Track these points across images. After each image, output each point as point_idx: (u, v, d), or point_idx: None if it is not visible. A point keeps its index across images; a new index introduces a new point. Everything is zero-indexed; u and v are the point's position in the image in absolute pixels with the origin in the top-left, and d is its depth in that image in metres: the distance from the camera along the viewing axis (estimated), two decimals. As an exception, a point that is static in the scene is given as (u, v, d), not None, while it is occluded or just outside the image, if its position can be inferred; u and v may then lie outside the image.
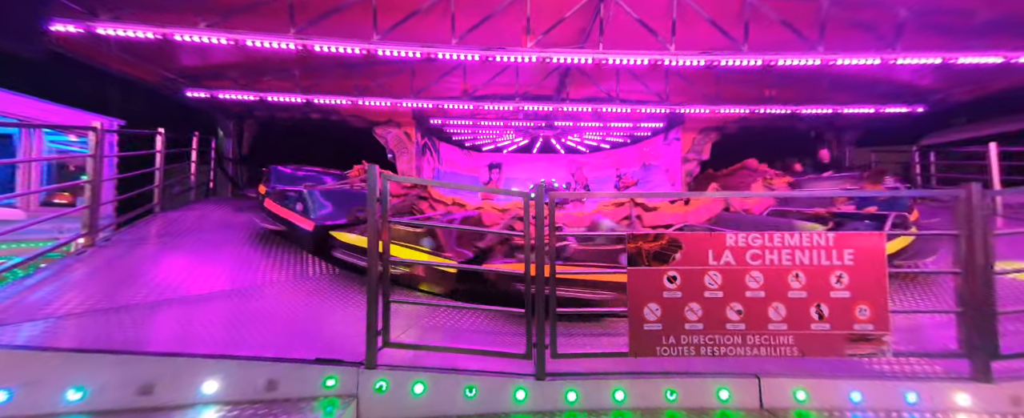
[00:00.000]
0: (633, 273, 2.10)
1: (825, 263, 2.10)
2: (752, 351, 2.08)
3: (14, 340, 1.99)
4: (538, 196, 2.11)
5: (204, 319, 2.54)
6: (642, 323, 2.09)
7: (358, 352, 2.15)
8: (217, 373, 1.93)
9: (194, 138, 7.10)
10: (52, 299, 2.51)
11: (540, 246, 2.09)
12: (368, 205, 2.10)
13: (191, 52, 6.90)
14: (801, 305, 2.09)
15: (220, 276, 3.27)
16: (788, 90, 9.33)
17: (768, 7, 6.07)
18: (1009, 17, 6.19)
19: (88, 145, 3.53)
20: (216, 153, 8.76)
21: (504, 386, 2.06)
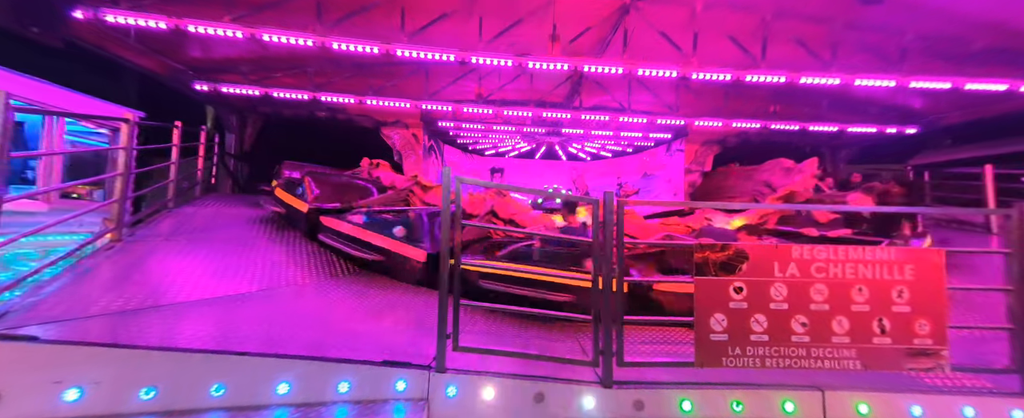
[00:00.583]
0: (700, 283, 2.11)
1: (887, 277, 2.13)
2: (816, 364, 2.09)
3: (76, 336, 1.89)
4: (607, 203, 2.11)
5: (251, 318, 2.45)
6: (708, 333, 2.09)
7: (417, 354, 2.11)
8: (290, 373, 1.86)
9: (202, 132, 6.94)
10: (99, 296, 2.41)
11: (608, 253, 2.09)
12: (442, 208, 2.07)
13: (205, 44, 6.78)
14: (864, 319, 2.12)
15: (254, 274, 3.18)
16: (791, 107, 9.64)
17: (785, 26, 6.27)
18: (1000, 47, 6.54)
19: (119, 137, 3.41)
20: (219, 148, 8.59)
21: (572, 393, 2.03)
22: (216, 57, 7.49)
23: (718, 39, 6.25)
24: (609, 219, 2.11)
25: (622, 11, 5.96)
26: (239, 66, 7.84)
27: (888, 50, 6.73)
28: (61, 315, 2.10)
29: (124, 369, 1.75)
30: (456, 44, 5.66)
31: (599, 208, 2.12)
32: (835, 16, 6.25)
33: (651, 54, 6.21)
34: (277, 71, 8.09)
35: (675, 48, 6.13)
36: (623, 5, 5.90)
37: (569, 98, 9.88)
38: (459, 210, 2.07)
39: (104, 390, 1.69)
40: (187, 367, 1.81)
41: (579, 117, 9.35)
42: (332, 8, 5.34)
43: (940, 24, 6.19)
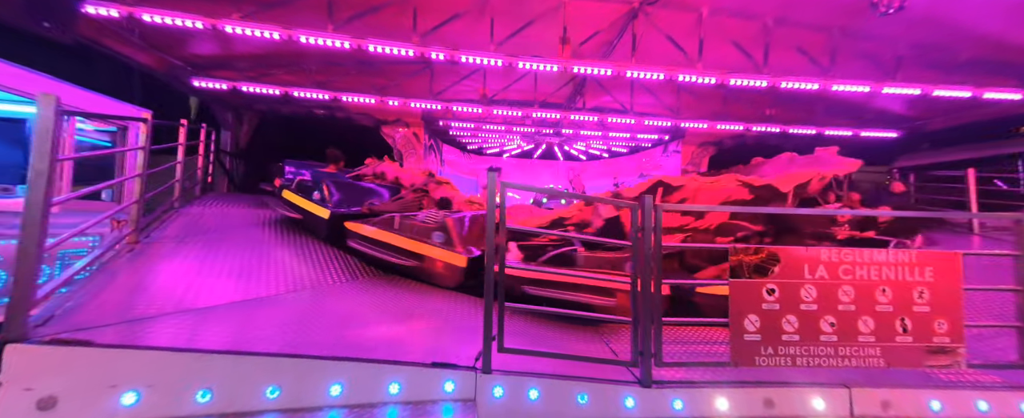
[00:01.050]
0: (734, 285, 2.18)
1: (909, 279, 2.24)
2: (843, 362, 2.19)
3: (126, 340, 1.86)
4: (646, 205, 2.17)
5: (288, 320, 2.44)
6: (742, 333, 2.17)
7: (458, 356, 2.14)
8: (343, 375, 1.87)
9: (202, 130, 6.80)
10: (136, 300, 2.37)
11: (647, 256, 2.15)
12: (488, 211, 2.10)
13: (206, 40, 6.64)
14: (887, 318, 2.22)
15: (278, 277, 3.15)
16: (786, 111, 9.92)
17: (785, 33, 6.46)
18: (983, 58, 6.87)
19: (128, 136, 3.33)
20: (215, 146, 8.41)
21: (613, 393, 2.09)
22: (217, 53, 7.34)
23: (722, 44, 6.40)
24: (647, 223, 2.16)
25: (631, 15, 6.06)
26: (238, 62, 7.69)
27: (883, 58, 6.99)
28: (104, 319, 2.07)
29: (179, 372, 1.74)
30: (467, 45, 5.67)
31: (637, 212, 2.17)
32: (833, 24, 6.47)
33: (658, 58, 6.32)
34: (276, 68, 7.96)
35: (681, 52, 6.25)
36: (632, 9, 5.99)
37: (571, 99, 9.98)
38: (504, 214, 2.10)
39: (160, 393, 1.68)
40: (242, 369, 1.81)
41: (581, 118, 9.45)
42: (343, 6, 5.29)
43: (931, 34, 6.46)
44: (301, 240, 4.11)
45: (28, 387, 1.57)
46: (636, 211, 2.18)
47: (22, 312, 1.70)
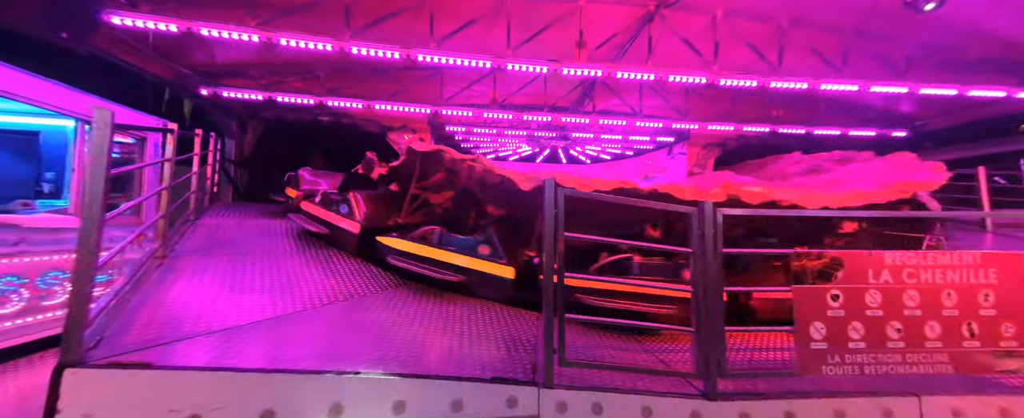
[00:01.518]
0: (798, 291, 2.12)
1: (974, 281, 2.19)
2: (911, 369, 2.12)
3: (182, 360, 1.77)
4: (708, 211, 2.10)
5: (337, 335, 2.35)
6: (808, 342, 2.10)
7: (514, 369, 2.06)
8: (403, 391, 1.79)
9: (211, 139, 6.71)
10: (180, 318, 2.28)
11: (711, 262, 2.08)
12: (546, 219, 2.02)
13: (218, 48, 6.57)
14: (954, 323, 2.16)
15: (312, 289, 3.06)
16: (793, 112, 9.96)
17: (799, 35, 6.48)
18: (991, 56, 6.93)
19: (147, 148, 3.24)
20: (219, 154, 8.31)
21: (677, 406, 2.01)
22: (226, 61, 7.26)
23: (737, 46, 6.40)
24: (708, 229, 2.10)
25: (646, 18, 6.05)
26: (249, 70, 7.62)
27: (894, 58, 7.02)
28: (154, 339, 1.97)
29: (240, 392, 1.65)
30: (484, 50, 5.63)
31: (699, 218, 2.11)
32: (845, 25, 6.50)
33: (672, 60, 6.31)
34: (288, 75, 7.89)
35: (697, 54, 6.24)
36: (648, 12, 5.99)
37: (580, 102, 9.97)
38: (561, 223, 2.03)
39: (226, 415, 1.59)
40: (302, 387, 1.72)
41: (594, 121, 9.44)
42: (360, 13, 5.24)
43: (942, 34, 6.50)
44: (324, 252, 4.02)
45: (87, 414, 1.47)
46: (696, 217, 2.12)
47: (78, 334, 1.60)
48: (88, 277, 1.65)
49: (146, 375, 1.60)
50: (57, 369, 1.54)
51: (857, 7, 5.90)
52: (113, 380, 1.57)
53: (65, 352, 1.58)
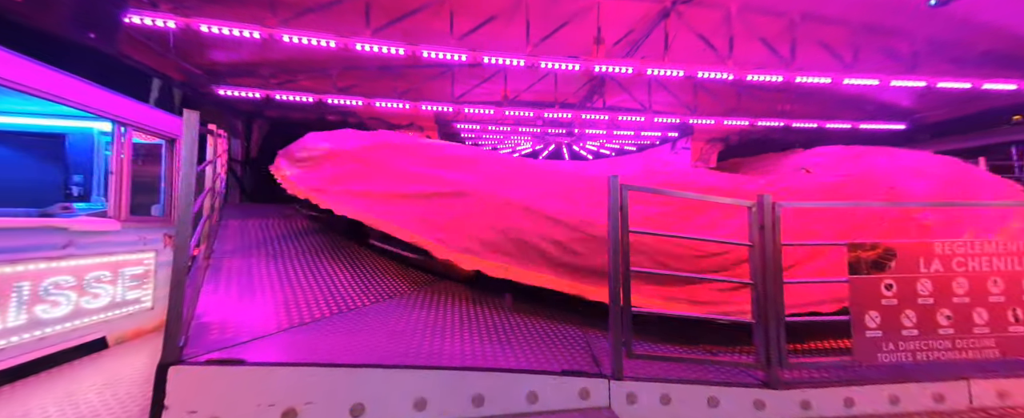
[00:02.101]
0: (854, 281, 2.18)
1: (1018, 268, 2.27)
2: (960, 354, 2.20)
3: (270, 357, 1.79)
4: (767, 204, 2.15)
5: (404, 330, 2.39)
6: (864, 330, 2.16)
7: (578, 361, 2.10)
8: (483, 385, 1.83)
9: (223, 139, 6.64)
10: (249, 318, 2.31)
11: (769, 258, 2.13)
12: (610, 218, 2.06)
13: (228, 47, 6.50)
14: (1000, 309, 2.24)
15: (362, 286, 3.09)
16: (801, 105, 10.07)
17: (810, 29, 6.56)
18: (996, 51, 7.07)
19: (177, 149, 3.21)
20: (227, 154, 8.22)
21: (740, 396, 2.07)
22: (236, 60, 7.18)
23: (750, 41, 6.46)
24: (767, 222, 2.15)
25: (662, 14, 6.08)
26: (259, 69, 7.54)
27: (902, 53, 7.13)
28: (232, 338, 1.99)
29: (331, 387, 1.68)
30: (501, 48, 5.63)
31: (758, 211, 2.15)
32: (855, 20, 6.58)
33: (686, 56, 6.35)
34: (300, 73, 7.82)
35: (712, 50, 6.29)
36: (664, 9, 6.02)
37: (588, 99, 9.99)
38: (627, 219, 2.06)
39: (319, 410, 1.63)
40: (390, 381, 1.76)
41: (600, 117, 9.48)
42: (379, 12, 5.21)
43: (947, 29, 6.62)
44: (359, 250, 4.03)
45: (192, 409, 1.50)
46: (755, 210, 2.17)
47: (177, 334, 1.62)
48: (184, 279, 1.66)
49: (242, 372, 1.63)
50: (161, 367, 1.56)
51: (866, 2, 5.98)
52: (212, 377, 1.59)
53: (167, 352, 1.60)
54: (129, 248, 3.24)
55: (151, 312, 3.46)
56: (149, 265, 3.45)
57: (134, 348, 3.09)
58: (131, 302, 3.27)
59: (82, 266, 2.82)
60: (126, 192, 3.19)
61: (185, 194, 1.67)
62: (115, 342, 3.08)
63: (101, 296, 2.97)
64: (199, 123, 1.85)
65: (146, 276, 3.43)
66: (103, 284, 2.98)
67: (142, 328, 3.36)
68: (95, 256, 2.91)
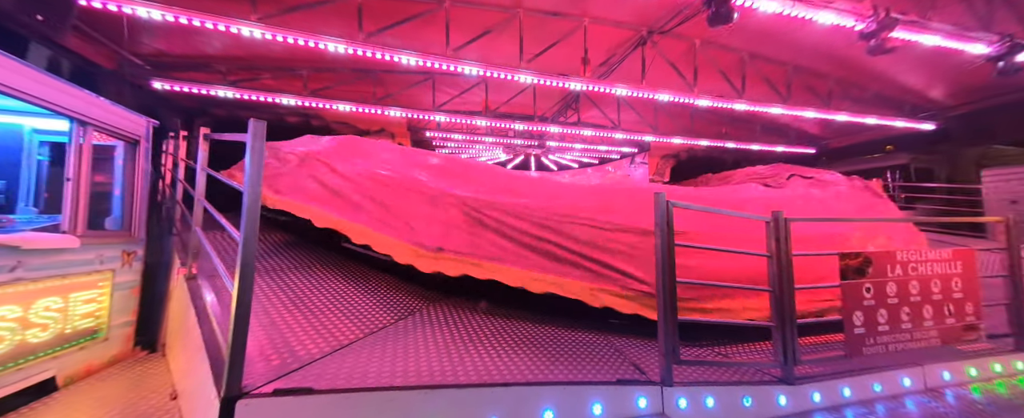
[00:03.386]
0: (845, 287, 2.57)
1: (949, 272, 2.84)
2: (915, 345, 2.69)
3: (330, 384, 1.60)
4: (781, 220, 2.47)
5: (437, 346, 2.29)
6: (853, 328, 2.56)
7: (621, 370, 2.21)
8: (550, 399, 1.83)
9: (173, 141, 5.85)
10: (285, 343, 2.04)
11: (784, 266, 2.44)
12: (657, 229, 2.21)
13: (183, 37, 5.77)
14: (939, 305, 2.79)
15: (379, 303, 2.89)
16: (734, 129, 11.59)
17: (756, 66, 7.61)
18: (884, 94, 8.85)
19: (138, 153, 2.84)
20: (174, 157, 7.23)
21: (768, 393, 2.31)
22: (189, 52, 6.37)
23: (712, 72, 7.30)
24: (781, 235, 2.46)
25: (639, 41, 6.64)
26: (215, 64, 6.75)
27: (821, 90, 8.57)
28: (282, 366, 1.76)
29: (402, 410, 1.58)
30: (490, 60, 5.71)
31: (774, 226, 2.46)
32: (788, 60, 7.80)
33: (658, 81, 6.99)
34: (263, 71, 7.14)
35: (680, 76, 6.99)
36: (640, 37, 6.59)
37: (561, 113, 10.44)
38: (672, 233, 2.23)
39: None
40: (462, 402, 1.69)
41: (575, 132, 9.95)
42: (371, 17, 4.99)
43: (852, 73, 8.13)
44: (350, 262, 3.78)
45: None
46: (771, 225, 2.47)
47: (241, 364, 1.41)
48: (247, 304, 1.46)
49: (313, 401, 1.47)
50: (226, 402, 1.35)
51: (796, 46, 7.12)
52: (284, 408, 1.42)
53: (230, 385, 1.38)
54: (85, 268, 2.71)
55: (104, 344, 2.91)
56: (105, 288, 2.92)
57: (88, 388, 2.58)
58: (84, 333, 2.72)
59: (31, 292, 2.30)
60: (85, 203, 2.68)
61: (250, 208, 1.48)
62: (65, 382, 2.54)
63: (50, 327, 2.44)
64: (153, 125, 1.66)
65: (102, 301, 2.88)
66: (53, 313, 2.46)
67: (93, 364, 2.81)
68: (46, 279, 2.39)
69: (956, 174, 9.58)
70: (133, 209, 3.28)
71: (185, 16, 3.93)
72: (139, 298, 3.36)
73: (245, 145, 1.55)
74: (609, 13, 6.13)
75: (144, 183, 3.38)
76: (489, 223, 3.22)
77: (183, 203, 4.11)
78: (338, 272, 3.50)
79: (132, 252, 3.22)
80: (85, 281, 2.71)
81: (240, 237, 1.49)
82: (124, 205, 3.22)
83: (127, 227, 3.20)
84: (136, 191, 3.28)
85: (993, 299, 3.03)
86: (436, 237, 3.19)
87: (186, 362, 2.41)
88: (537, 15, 5.90)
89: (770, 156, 12.40)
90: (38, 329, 2.34)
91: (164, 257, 3.81)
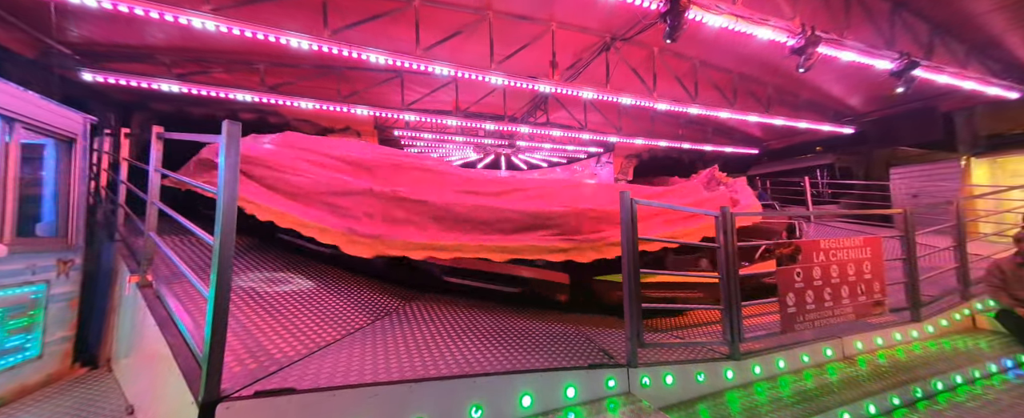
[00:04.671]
0: (780, 272, 2.95)
1: (861, 257, 3.34)
2: (835, 320, 3.14)
3: (312, 383, 1.61)
4: (728, 215, 2.78)
5: (420, 342, 2.35)
6: (786, 308, 2.94)
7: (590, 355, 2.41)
8: (529, 385, 1.97)
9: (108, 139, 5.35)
10: (263, 346, 1.98)
11: (730, 255, 2.76)
12: (623, 227, 2.42)
13: (119, 24, 5.26)
14: (854, 285, 3.27)
15: (349, 301, 2.87)
16: (690, 131, 12.48)
17: (707, 72, 8.27)
18: (813, 100, 9.98)
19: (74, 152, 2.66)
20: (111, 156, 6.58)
21: (717, 368, 2.61)
22: (128, 41, 5.80)
23: (668, 78, 7.82)
24: (728, 228, 2.78)
25: (603, 47, 6.98)
26: (159, 55, 6.19)
27: (761, 96, 9.48)
28: (260, 369, 1.73)
29: (387, 405, 1.64)
30: (460, 62, 5.76)
31: (722, 220, 2.77)
32: (733, 68, 8.56)
33: (621, 85, 7.39)
34: (214, 64, 6.65)
35: (641, 81, 7.44)
36: (604, 43, 6.93)
37: (531, 113, 10.66)
38: (636, 229, 2.45)
39: None
40: (445, 393, 1.78)
41: (541, 131, 10.21)
42: (337, 13, 4.85)
43: (788, 82, 9.09)
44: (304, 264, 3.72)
45: None
46: (720, 219, 2.78)
47: (219, 368, 1.40)
48: (225, 307, 1.44)
49: (296, 400, 1.49)
50: (206, 406, 1.34)
51: (740, 56, 7.85)
52: (266, 409, 1.43)
53: (209, 389, 1.37)
54: (14, 280, 2.46)
55: (38, 362, 2.67)
56: (39, 300, 2.66)
57: (21, 411, 2.36)
58: (13, 351, 2.48)
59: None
60: (12, 207, 2.44)
61: (226, 211, 1.47)
62: (-4, 408, 2.30)
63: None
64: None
65: (34, 316, 2.63)
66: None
67: (26, 384, 2.57)
68: (-27, 294, 2.16)
69: (871, 172, 11.01)
70: (69, 213, 3.00)
71: (127, 4, 3.62)
72: (78, 310, 3.08)
73: (197, 144, 1.53)
74: (575, 19, 6.40)
75: (81, 185, 3.10)
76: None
77: (127, 206, 3.79)
78: (307, 275, 3.43)
79: (69, 260, 2.95)
80: (14, 294, 2.46)
81: (216, 240, 1.48)
82: (58, 209, 2.94)
83: (62, 233, 2.93)
84: (72, 194, 3.00)
85: (894, 279, 3.61)
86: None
87: (144, 373, 2.28)
88: (507, 18, 6.03)
89: (720, 156, 13.52)
90: (-36, 349, 2.11)
91: (105, 265, 3.51)
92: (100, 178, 5.39)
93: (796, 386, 2.70)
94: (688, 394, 2.47)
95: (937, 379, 2.89)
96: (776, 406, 2.40)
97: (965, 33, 6.58)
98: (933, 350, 3.44)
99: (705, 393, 2.52)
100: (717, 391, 2.56)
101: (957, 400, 2.77)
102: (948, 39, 6.69)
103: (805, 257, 3.07)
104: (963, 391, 2.91)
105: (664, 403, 2.36)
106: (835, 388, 2.67)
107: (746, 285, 2.97)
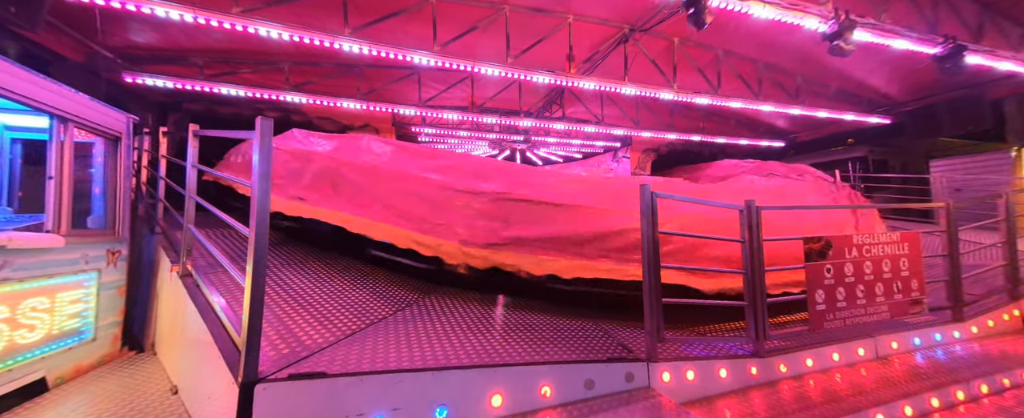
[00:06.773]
0: (809, 268, 2.84)
1: (897, 253, 3.17)
2: (868, 319, 3.00)
3: (343, 368, 1.68)
4: (753, 209, 2.69)
5: (440, 333, 2.40)
6: (815, 305, 2.83)
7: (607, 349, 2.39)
8: (549, 377, 1.98)
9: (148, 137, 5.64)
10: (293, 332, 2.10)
11: (756, 250, 2.67)
12: (643, 221, 2.38)
13: (155, 28, 5.53)
14: (889, 282, 3.11)
15: (382, 294, 2.97)
16: (713, 123, 12.06)
17: (731, 62, 7.97)
18: (845, 90, 9.45)
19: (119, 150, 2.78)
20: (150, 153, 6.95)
21: (742, 365, 2.55)
22: (162, 45, 6.10)
23: (690, 69, 7.59)
24: (753, 222, 2.69)
25: (621, 38, 6.84)
26: (192, 57, 6.49)
27: (789, 87, 9.06)
28: (292, 354, 1.83)
29: (413, 391, 1.70)
30: (475, 56, 5.76)
31: (747, 214, 2.68)
32: (759, 58, 8.21)
33: (641, 78, 7.22)
34: (242, 64, 6.91)
35: (660, 73, 7.25)
36: (623, 34, 6.78)
37: (547, 108, 10.58)
38: (656, 223, 2.41)
39: (405, 414, 1.63)
40: (467, 381, 1.82)
41: (559, 127, 10.13)
42: (356, 12, 4.94)
43: (816, 71, 8.64)
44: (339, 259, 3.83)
45: None
46: (744, 213, 2.69)
47: (257, 350, 1.48)
48: (261, 291, 1.52)
49: (326, 383, 1.56)
50: (245, 387, 1.43)
51: (767, 45, 7.51)
52: (299, 391, 1.50)
53: (248, 370, 1.45)
54: (71, 268, 2.65)
55: (92, 344, 2.87)
56: (91, 288, 2.87)
57: (78, 389, 2.55)
58: (71, 333, 2.68)
59: (17, 293, 2.26)
60: (68, 201, 2.62)
61: (260, 203, 1.54)
62: (55, 383, 2.50)
63: (38, 328, 2.40)
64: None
65: (88, 301, 2.83)
66: (40, 313, 2.41)
67: (82, 364, 2.77)
68: (32, 280, 2.35)
69: (909, 165, 10.37)
70: (116, 207, 3.20)
71: (163, 8, 3.80)
72: (125, 298, 3.30)
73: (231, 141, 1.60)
74: (593, 11, 6.28)
75: (126, 181, 3.30)
76: None
77: (166, 200, 4.01)
78: (332, 269, 3.54)
79: (117, 251, 3.15)
80: (72, 281, 2.66)
81: (252, 232, 1.55)
82: (107, 203, 3.14)
83: (110, 226, 3.13)
84: (118, 189, 3.20)
85: (935, 277, 3.41)
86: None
87: (188, 357, 2.43)
88: (523, 12, 5.99)
89: (743, 150, 13.02)
90: (26, 330, 2.29)
91: (148, 256, 3.73)
92: (141, 174, 5.71)
93: (825, 385, 2.60)
94: (710, 390, 2.42)
95: (982, 382, 2.72)
96: (804, 405, 2.32)
97: (1021, 14, 6.08)
98: (978, 351, 3.24)
99: (728, 390, 2.46)
100: (741, 388, 2.50)
101: (1004, 404, 2.60)
102: (1000, 20, 6.19)
103: (836, 252, 2.94)
104: (1011, 396, 2.73)
105: (685, 399, 2.32)
106: (868, 388, 2.56)
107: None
